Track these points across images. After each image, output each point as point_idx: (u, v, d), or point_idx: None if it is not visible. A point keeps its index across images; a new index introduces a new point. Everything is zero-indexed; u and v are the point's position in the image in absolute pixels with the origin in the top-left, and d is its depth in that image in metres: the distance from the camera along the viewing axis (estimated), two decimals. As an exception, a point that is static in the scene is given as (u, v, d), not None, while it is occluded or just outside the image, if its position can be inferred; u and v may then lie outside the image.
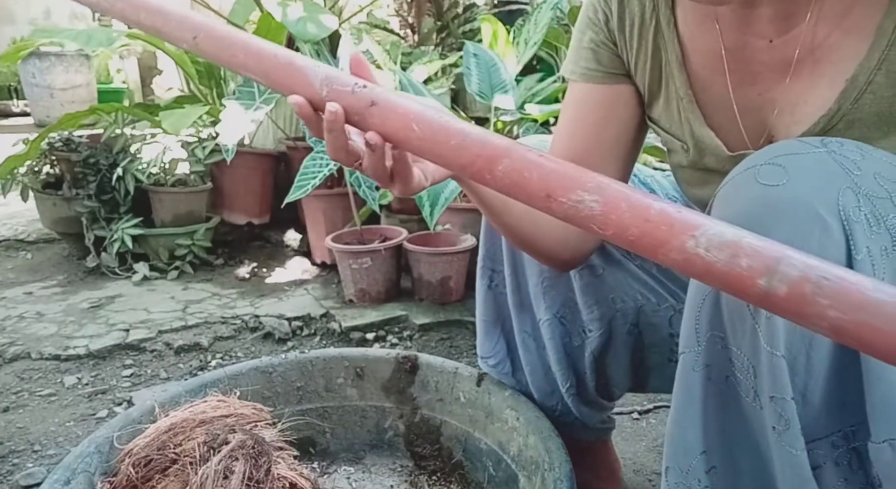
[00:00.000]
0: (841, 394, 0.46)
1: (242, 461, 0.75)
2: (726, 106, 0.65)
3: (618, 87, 0.73)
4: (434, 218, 1.58)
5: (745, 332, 0.47)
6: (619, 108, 0.73)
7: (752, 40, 0.61)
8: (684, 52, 0.67)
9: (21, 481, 1.08)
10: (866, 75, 0.55)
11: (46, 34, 2.27)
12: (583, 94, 0.74)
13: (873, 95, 0.55)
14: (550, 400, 0.91)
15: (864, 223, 0.44)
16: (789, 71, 0.60)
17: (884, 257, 0.44)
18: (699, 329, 0.52)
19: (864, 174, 0.45)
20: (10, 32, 5.70)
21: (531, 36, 2.13)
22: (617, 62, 0.72)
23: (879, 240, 0.44)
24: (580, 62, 0.74)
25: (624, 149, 0.75)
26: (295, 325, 1.69)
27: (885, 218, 0.44)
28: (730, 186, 0.49)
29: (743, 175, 0.48)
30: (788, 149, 0.48)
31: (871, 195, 0.45)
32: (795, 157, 0.47)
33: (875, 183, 0.45)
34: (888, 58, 0.54)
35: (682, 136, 0.70)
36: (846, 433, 0.47)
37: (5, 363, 1.50)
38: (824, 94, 0.58)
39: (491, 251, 0.89)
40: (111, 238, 2.08)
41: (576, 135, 0.75)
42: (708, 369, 0.52)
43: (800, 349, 0.46)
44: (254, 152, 2.31)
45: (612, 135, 0.74)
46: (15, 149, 2.14)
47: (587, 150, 0.74)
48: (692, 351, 0.53)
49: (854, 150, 0.47)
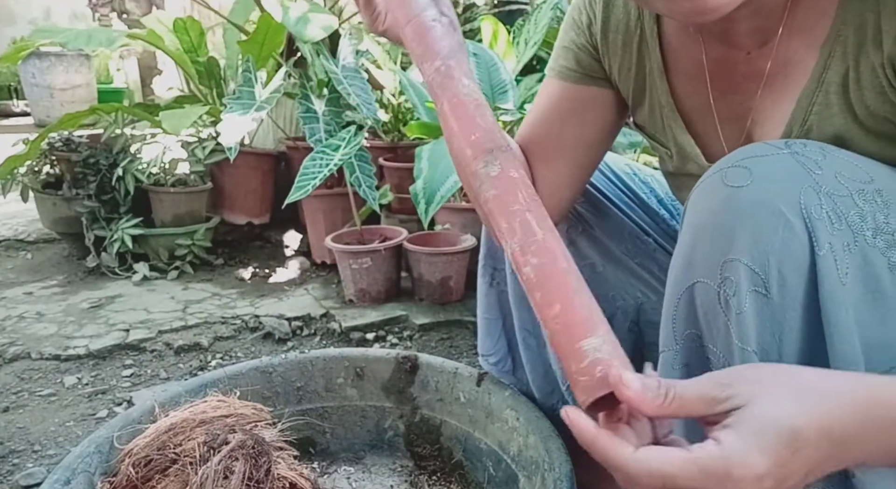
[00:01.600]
0: None
1: (242, 461, 0.75)
2: (708, 114, 0.66)
3: (591, 89, 0.74)
4: (429, 215, 1.56)
5: (719, 330, 0.49)
6: (587, 111, 0.75)
7: (732, 52, 0.62)
8: (666, 61, 0.68)
9: (21, 481, 1.08)
10: (809, 98, 0.57)
11: (46, 34, 2.27)
12: (555, 90, 0.76)
13: (817, 117, 0.56)
14: (551, 398, 0.91)
15: (826, 220, 0.45)
16: (762, 83, 0.61)
17: (846, 252, 0.45)
18: (676, 328, 0.53)
19: (825, 173, 0.47)
20: (10, 32, 5.70)
21: (531, 36, 2.13)
22: (595, 66, 0.73)
23: (841, 236, 0.45)
24: (559, 60, 0.75)
25: (582, 151, 0.76)
26: (295, 325, 1.69)
27: (846, 215, 0.46)
28: (700, 189, 0.52)
29: (711, 178, 0.50)
30: (754, 152, 0.50)
31: (833, 193, 0.46)
32: (760, 160, 0.48)
33: (836, 181, 0.47)
34: (826, 80, 0.55)
35: (665, 142, 0.71)
36: None
37: (5, 363, 1.50)
38: (786, 109, 0.59)
39: (492, 249, 0.90)
40: (111, 238, 2.08)
41: (538, 125, 0.77)
42: (687, 368, 0.53)
43: (771, 344, 0.47)
44: (254, 152, 2.31)
45: (572, 133, 0.75)
46: (15, 149, 2.13)
47: (543, 142, 0.76)
48: (671, 350, 0.54)
49: (817, 150, 0.49)
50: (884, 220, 0.46)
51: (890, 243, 0.46)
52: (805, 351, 0.47)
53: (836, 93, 0.55)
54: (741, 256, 0.46)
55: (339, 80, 1.78)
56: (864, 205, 0.46)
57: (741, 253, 0.46)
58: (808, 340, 0.47)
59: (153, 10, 5.36)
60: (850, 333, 0.45)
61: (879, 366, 0.47)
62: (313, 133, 1.79)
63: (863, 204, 0.46)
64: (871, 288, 0.46)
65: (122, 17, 6.07)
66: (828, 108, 0.56)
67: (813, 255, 0.45)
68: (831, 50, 0.54)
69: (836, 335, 0.45)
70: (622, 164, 0.90)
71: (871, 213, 0.46)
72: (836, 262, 0.45)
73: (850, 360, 0.45)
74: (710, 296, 0.49)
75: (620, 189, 0.86)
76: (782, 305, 0.46)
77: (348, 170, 1.75)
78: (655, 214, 0.87)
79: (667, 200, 0.88)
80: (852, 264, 0.45)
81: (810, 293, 0.46)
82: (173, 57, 2.26)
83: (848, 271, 0.45)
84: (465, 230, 1.83)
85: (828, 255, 0.45)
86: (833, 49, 0.54)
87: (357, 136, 1.74)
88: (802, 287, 0.46)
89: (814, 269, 0.45)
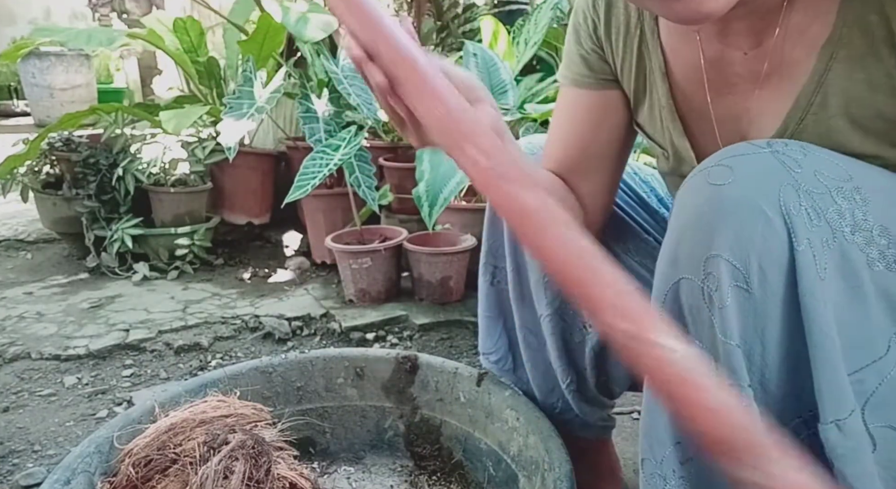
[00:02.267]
0: (798, 381, 0.49)
1: (242, 461, 0.75)
2: (705, 116, 0.67)
3: (607, 92, 0.75)
4: (433, 218, 1.58)
5: (704, 324, 0.50)
6: (609, 113, 0.76)
7: (729, 52, 0.62)
8: (667, 61, 0.68)
9: (21, 481, 1.08)
10: (807, 98, 0.57)
11: (46, 34, 2.27)
12: (574, 100, 0.77)
13: (815, 117, 0.57)
14: (551, 397, 0.91)
15: (805, 217, 0.46)
16: (759, 83, 0.61)
17: (825, 248, 0.46)
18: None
19: (804, 171, 0.48)
20: (10, 32, 5.71)
21: (531, 36, 2.13)
22: (606, 69, 0.74)
23: (820, 232, 0.46)
24: (572, 67, 0.76)
25: (615, 153, 0.78)
26: (295, 325, 1.69)
27: (824, 211, 0.47)
28: (685, 188, 0.53)
29: (696, 177, 0.51)
30: (737, 151, 0.51)
31: (812, 191, 0.47)
32: (742, 158, 0.49)
33: (815, 179, 0.48)
34: (826, 81, 0.56)
35: (663, 143, 0.72)
36: (806, 418, 0.50)
37: (5, 363, 1.50)
38: (782, 108, 0.60)
39: (493, 247, 0.90)
40: (111, 238, 2.08)
41: (568, 140, 0.78)
42: None
43: (753, 339, 0.48)
44: (254, 152, 2.31)
45: (602, 139, 0.76)
46: (15, 149, 2.14)
47: (579, 155, 0.77)
48: None
49: (797, 149, 0.50)
50: (862, 217, 0.47)
51: (868, 240, 0.47)
52: (787, 345, 0.48)
53: (836, 94, 0.55)
54: (723, 252, 0.47)
55: (339, 80, 1.78)
56: (842, 202, 0.47)
57: (723, 249, 0.47)
58: (789, 334, 0.48)
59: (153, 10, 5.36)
60: (829, 327, 0.46)
61: (860, 361, 0.48)
62: (313, 133, 1.79)
63: (841, 201, 0.47)
64: (850, 283, 0.47)
65: (122, 16, 6.07)
66: (825, 108, 0.56)
67: (792, 251, 0.46)
68: (833, 51, 0.55)
69: (815, 329, 0.46)
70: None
71: (850, 210, 0.47)
72: (815, 258, 0.46)
73: (828, 354, 0.46)
74: (694, 292, 0.50)
75: (621, 188, 0.86)
76: (763, 300, 0.47)
77: (348, 170, 1.75)
78: (655, 213, 0.87)
79: (667, 199, 0.89)
80: (831, 260, 0.46)
81: (790, 288, 0.47)
82: (173, 57, 2.26)
83: (826, 267, 0.46)
84: (466, 230, 1.83)
85: (806, 251, 0.46)
86: (836, 51, 0.55)
87: (357, 136, 1.74)
88: (782, 282, 0.47)
89: (793, 265, 0.46)
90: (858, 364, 0.47)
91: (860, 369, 0.48)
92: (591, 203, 0.78)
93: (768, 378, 0.49)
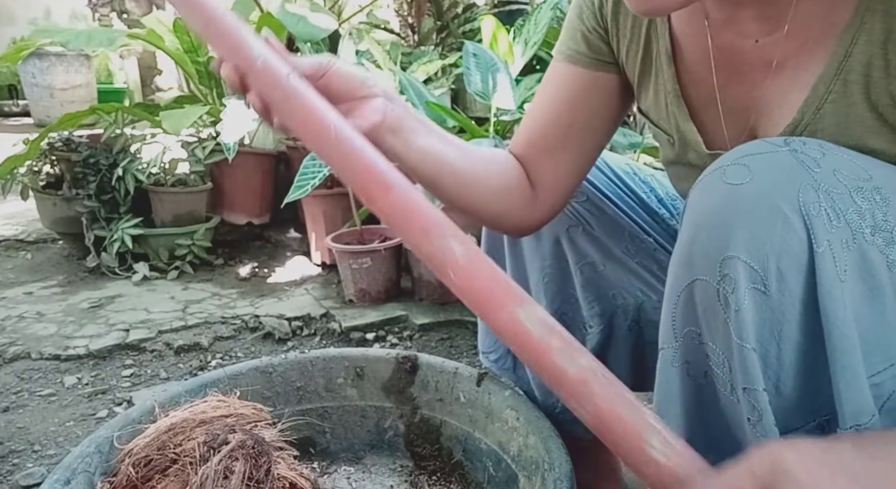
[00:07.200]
0: (814, 384, 0.48)
1: (242, 461, 0.75)
2: (712, 104, 0.65)
3: (598, 74, 0.73)
4: None
5: (718, 327, 0.49)
6: (594, 95, 0.74)
7: (739, 40, 0.61)
8: (675, 46, 0.67)
9: (21, 481, 1.08)
10: (826, 85, 0.56)
11: (46, 34, 2.28)
12: (563, 74, 0.75)
13: (833, 106, 0.56)
14: (551, 396, 0.91)
15: (825, 217, 0.45)
16: (770, 72, 0.60)
17: (844, 250, 0.45)
18: (676, 325, 0.53)
19: (824, 171, 0.47)
20: (10, 32, 5.71)
21: (531, 36, 2.13)
22: (605, 49, 0.73)
23: (839, 233, 0.45)
24: (568, 43, 0.74)
25: (589, 136, 0.75)
26: (295, 325, 1.69)
27: (844, 212, 0.46)
28: (700, 186, 0.51)
29: (711, 175, 0.50)
30: (754, 149, 0.49)
31: (831, 191, 0.46)
32: (759, 157, 0.48)
33: (835, 179, 0.47)
34: (846, 68, 0.54)
35: (668, 129, 0.71)
36: (821, 423, 0.49)
37: (5, 363, 1.50)
38: (797, 99, 0.58)
39: (493, 247, 0.90)
40: (111, 238, 2.08)
41: (547, 115, 0.76)
42: (687, 365, 0.53)
43: (770, 341, 0.47)
44: (254, 152, 2.31)
45: (580, 119, 0.74)
46: (15, 149, 2.14)
47: (553, 132, 0.75)
48: (670, 347, 0.54)
49: (816, 148, 0.49)
50: (882, 218, 0.46)
51: (888, 241, 0.46)
52: (804, 348, 0.47)
53: (857, 82, 0.54)
54: (740, 253, 0.46)
55: (339, 79, 1.77)
56: (862, 202, 0.46)
57: (740, 250, 0.46)
58: (806, 337, 0.47)
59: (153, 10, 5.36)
60: (849, 330, 0.45)
61: (878, 364, 0.47)
62: (313, 133, 1.79)
63: (861, 201, 0.46)
64: (869, 285, 0.46)
65: (122, 17, 6.07)
66: (845, 96, 0.55)
67: (811, 253, 0.45)
68: (854, 37, 0.53)
69: (834, 332, 0.45)
70: (622, 163, 0.89)
71: (870, 211, 0.46)
72: (835, 260, 0.45)
73: (848, 358, 0.45)
74: (709, 294, 0.48)
75: (620, 188, 0.86)
76: (781, 302, 0.46)
77: (348, 170, 1.74)
78: (655, 214, 0.87)
79: (667, 200, 0.88)
80: (851, 261, 0.45)
81: (809, 290, 0.46)
82: (173, 57, 2.26)
83: (846, 268, 0.45)
84: (465, 230, 1.83)
85: (826, 252, 0.45)
86: (856, 36, 0.53)
87: (357, 135, 1.74)
88: (801, 284, 0.46)
89: (812, 266, 0.45)
90: (876, 367, 0.46)
91: (878, 373, 0.47)
92: (553, 183, 0.76)
93: (784, 381, 0.48)
